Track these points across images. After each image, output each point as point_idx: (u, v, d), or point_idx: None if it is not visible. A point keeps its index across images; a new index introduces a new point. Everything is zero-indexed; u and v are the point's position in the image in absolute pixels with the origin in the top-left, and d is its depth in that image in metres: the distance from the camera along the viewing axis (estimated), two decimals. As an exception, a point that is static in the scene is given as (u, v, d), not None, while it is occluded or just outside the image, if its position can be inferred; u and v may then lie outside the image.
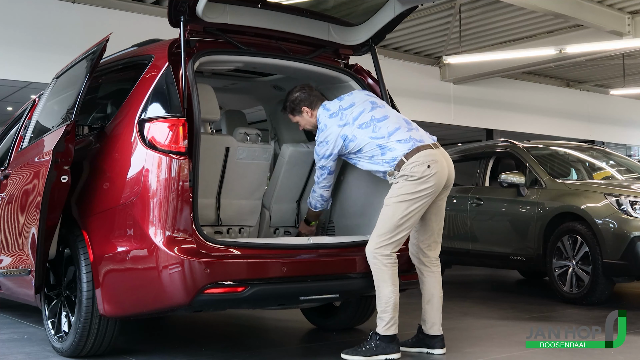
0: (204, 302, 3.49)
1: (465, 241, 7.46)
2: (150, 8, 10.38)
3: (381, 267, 3.82)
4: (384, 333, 3.82)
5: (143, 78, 3.86)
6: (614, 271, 5.87)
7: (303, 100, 4.19)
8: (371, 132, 3.98)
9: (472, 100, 14.72)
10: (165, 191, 3.49)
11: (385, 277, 3.82)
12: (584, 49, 11.43)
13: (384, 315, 3.82)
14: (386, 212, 3.87)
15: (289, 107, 4.26)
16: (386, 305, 3.81)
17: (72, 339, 3.83)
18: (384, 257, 3.82)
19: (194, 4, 3.74)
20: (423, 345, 4.05)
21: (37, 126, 4.64)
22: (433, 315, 4.03)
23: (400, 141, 3.92)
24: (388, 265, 3.83)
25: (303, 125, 4.29)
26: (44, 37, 9.57)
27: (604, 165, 7.57)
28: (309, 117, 4.20)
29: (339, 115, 4.06)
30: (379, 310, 3.84)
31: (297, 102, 4.20)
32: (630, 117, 18.25)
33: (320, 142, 4.06)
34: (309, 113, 4.19)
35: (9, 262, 4.53)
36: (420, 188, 3.84)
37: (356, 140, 3.99)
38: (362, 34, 4.47)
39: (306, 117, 4.21)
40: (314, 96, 4.20)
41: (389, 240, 3.83)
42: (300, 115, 4.22)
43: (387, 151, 3.92)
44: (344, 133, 4.01)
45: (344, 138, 4.01)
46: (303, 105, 4.19)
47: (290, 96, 4.24)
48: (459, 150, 8.56)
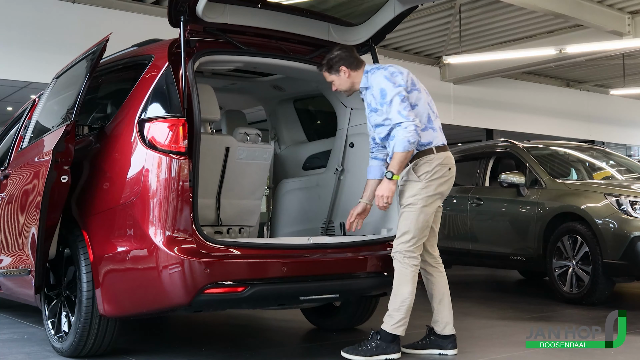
0: (204, 302, 3.49)
1: (465, 241, 7.46)
2: (150, 8, 10.38)
3: (407, 268, 3.84)
4: (390, 331, 3.82)
5: (143, 78, 3.86)
6: (614, 271, 5.87)
7: (343, 59, 4.02)
8: (429, 100, 3.98)
9: (472, 100, 14.72)
10: (165, 191, 3.49)
11: (408, 278, 3.83)
12: (584, 49, 11.44)
13: (395, 313, 3.82)
14: (411, 216, 3.85)
15: (326, 64, 4.06)
16: (401, 304, 3.82)
17: (72, 339, 3.83)
18: (412, 259, 3.85)
19: (194, 4, 3.74)
20: (434, 346, 4.01)
21: (37, 126, 4.64)
22: (446, 315, 4.02)
23: (439, 129, 3.97)
24: (414, 267, 3.85)
25: (337, 85, 4.08)
26: (44, 37, 9.57)
27: (604, 165, 7.57)
28: (346, 77, 4.02)
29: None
30: (391, 309, 3.84)
31: (337, 59, 4.01)
32: (630, 117, 18.25)
33: (393, 72, 3.90)
34: (347, 73, 4.01)
35: (9, 262, 4.53)
36: (441, 189, 3.91)
37: (420, 93, 3.94)
38: (362, 34, 4.47)
39: (343, 77, 4.03)
40: (354, 57, 4.04)
41: (417, 242, 3.86)
42: (337, 74, 4.03)
43: (429, 129, 3.91)
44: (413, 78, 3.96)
45: (412, 82, 3.94)
46: (342, 64, 4.01)
47: (330, 54, 4.06)
48: (459, 150, 8.55)
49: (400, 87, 3.85)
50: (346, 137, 4.70)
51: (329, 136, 4.94)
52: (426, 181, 3.86)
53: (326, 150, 4.96)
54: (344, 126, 4.71)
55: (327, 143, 4.97)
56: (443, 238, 7.64)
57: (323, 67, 4.09)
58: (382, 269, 4.02)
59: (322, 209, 4.79)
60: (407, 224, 3.85)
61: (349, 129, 4.67)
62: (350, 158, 4.68)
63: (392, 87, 3.85)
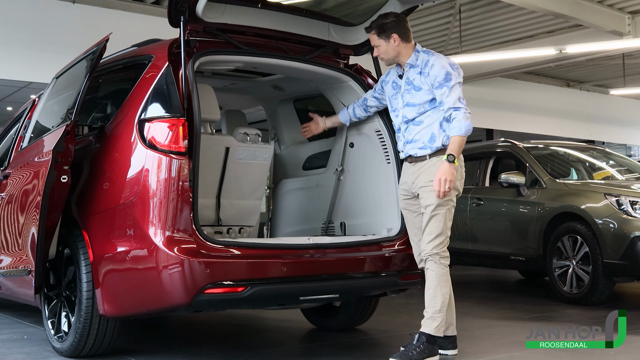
0: (204, 302, 3.49)
1: (466, 241, 7.45)
2: (150, 8, 10.37)
3: (443, 268, 3.85)
4: (434, 333, 3.80)
5: (143, 78, 3.85)
6: (614, 271, 5.87)
7: (397, 26, 3.92)
8: None
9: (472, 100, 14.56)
10: (165, 191, 3.49)
11: (445, 277, 3.85)
12: (584, 49, 11.43)
13: (437, 315, 3.81)
14: (441, 218, 3.85)
15: (377, 27, 3.94)
16: (442, 305, 3.81)
17: (72, 339, 3.83)
18: (444, 259, 3.86)
19: (194, 4, 3.74)
20: None
21: (37, 126, 4.64)
22: (450, 316, 3.98)
23: None
24: (447, 267, 3.87)
25: (382, 52, 3.98)
26: (44, 37, 9.56)
27: (604, 165, 7.57)
28: (395, 45, 3.92)
29: None
30: (433, 311, 3.81)
31: (391, 25, 3.91)
32: (630, 117, 18.24)
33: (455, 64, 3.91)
34: (397, 42, 3.91)
35: (9, 262, 4.52)
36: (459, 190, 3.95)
37: None
38: (362, 34, 4.46)
39: (392, 45, 3.92)
40: (407, 29, 3.97)
41: (447, 242, 3.88)
42: (387, 40, 3.93)
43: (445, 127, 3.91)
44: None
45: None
46: (395, 31, 3.91)
47: (384, 18, 3.95)
48: (459, 150, 8.55)
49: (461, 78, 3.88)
50: (346, 137, 4.70)
51: (329, 136, 4.94)
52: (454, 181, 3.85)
53: (326, 150, 4.96)
54: (344, 126, 4.71)
55: (327, 143, 4.97)
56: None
57: (372, 30, 3.96)
58: (382, 269, 4.02)
59: (322, 209, 4.79)
60: (439, 226, 3.85)
61: (349, 129, 4.66)
62: (350, 158, 4.68)
63: (457, 74, 3.85)
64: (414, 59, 3.95)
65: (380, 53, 4.01)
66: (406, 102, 3.96)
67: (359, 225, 4.52)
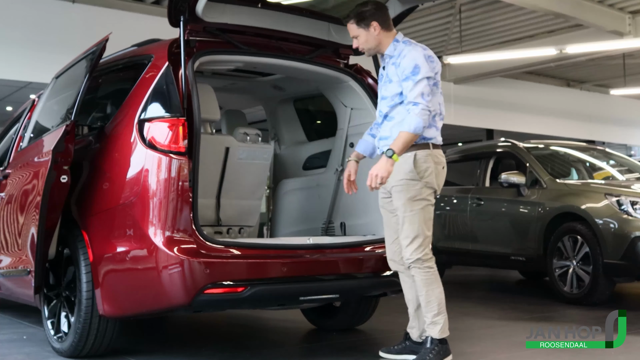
0: (204, 302, 3.49)
1: (466, 241, 7.45)
2: (150, 8, 10.38)
3: (427, 271, 3.66)
4: (439, 336, 3.65)
5: (143, 78, 3.85)
6: (614, 271, 5.87)
7: (377, 14, 3.73)
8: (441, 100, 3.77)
9: (472, 100, 14.71)
10: (165, 191, 3.48)
11: (432, 279, 3.66)
12: (584, 49, 11.43)
13: (438, 318, 3.65)
14: (416, 219, 3.63)
15: (356, 15, 3.74)
16: (439, 307, 3.66)
17: (72, 339, 3.82)
18: (428, 262, 3.66)
19: (194, 4, 3.74)
20: (409, 352, 3.85)
21: (37, 126, 4.64)
22: (422, 323, 3.81)
23: (439, 131, 3.76)
24: (433, 267, 3.67)
25: (362, 42, 3.78)
26: (44, 37, 9.57)
27: (604, 166, 7.57)
28: (376, 34, 3.72)
29: None
30: (432, 314, 3.65)
31: (370, 12, 3.71)
32: (630, 117, 18.24)
33: (430, 56, 3.69)
34: (377, 31, 3.72)
35: (9, 262, 4.52)
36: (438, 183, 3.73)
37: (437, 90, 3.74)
38: (362, 34, 4.45)
39: (372, 33, 3.72)
40: (388, 17, 3.78)
41: (429, 242, 3.68)
42: (366, 28, 3.73)
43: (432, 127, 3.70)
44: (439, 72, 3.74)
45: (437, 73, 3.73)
46: (375, 19, 3.71)
47: (364, 5, 3.75)
48: (459, 150, 8.56)
49: (434, 73, 3.67)
50: (346, 137, 4.69)
51: (329, 136, 4.94)
52: (424, 180, 3.67)
53: (326, 150, 4.95)
54: (344, 126, 4.70)
55: (327, 143, 4.97)
56: (443, 238, 7.69)
57: (351, 19, 3.76)
58: (382, 269, 4.01)
59: (322, 209, 4.79)
60: (414, 228, 3.63)
61: (349, 128, 4.66)
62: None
63: (427, 69, 3.62)
64: (392, 49, 3.74)
65: (360, 43, 3.79)
66: (382, 95, 3.80)
67: (359, 225, 4.52)
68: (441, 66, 3.79)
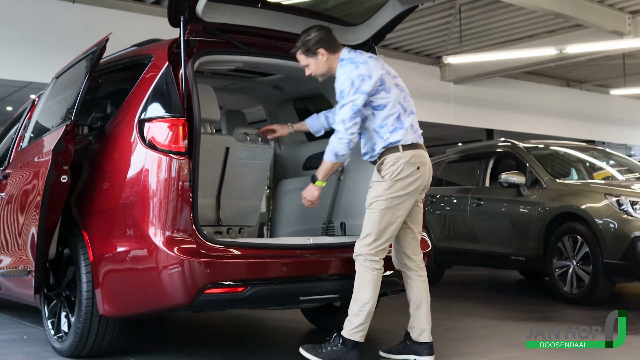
0: (204, 302, 3.49)
1: (466, 241, 7.45)
2: (150, 8, 10.38)
3: (369, 272, 3.68)
4: (347, 336, 3.66)
5: (143, 78, 3.85)
6: (614, 271, 5.87)
7: (322, 40, 3.77)
8: (401, 98, 3.75)
9: (472, 100, 14.71)
10: (165, 191, 3.49)
11: (369, 281, 3.67)
12: (584, 49, 11.43)
13: (354, 318, 3.66)
14: (373, 218, 3.69)
15: (302, 46, 3.80)
16: (360, 309, 3.65)
17: (72, 339, 3.83)
18: (372, 263, 3.68)
19: (194, 4, 3.74)
20: (410, 352, 3.89)
21: (37, 126, 4.64)
22: (422, 322, 3.87)
23: (409, 128, 3.74)
24: (375, 271, 3.68)
25: (313, 70, 3.85)
26: (44, 37, 9.57)
27: (604, 166, 7.58)
28: (324, 60, 3.78)
29: (380, 61, 3.78)
30: (351, 314, 3.68)
31: (315, 41, 3.76)
32: (630, 117, 18.24)
33: (361, 75, 3.65)
34: (325, 57, 3.78)
35: (9, 262, 4.52)
36: (407, 190, 3.70)
37: (389, 93, 3.69)
38: (362, 34, 4.46)
39: (320, 60, 3.78)
40: (333, 39, 3.82)
41: (379, 247, 3.69)
42: (314, 57, 3.79)
43: (399, 129, 3.70)
44: (384, 78, 3.69)
45: (382, 82, 3.68)
46: (321, 46, 3.77)
47: (307, 35, 3.80)
48: (459, 150, 8.56)
49: (360, 95, 3.63)
50: (346, 137, 4.68)
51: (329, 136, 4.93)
52: (391, 181, 3.68)
53: (326, 150, 4.95)
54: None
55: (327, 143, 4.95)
56: (443, 238, 7.69)
57: (298, 49, 3.83)
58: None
59: (322, 209, 4.78)
60: (369, 226, 3.69)
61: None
62: (350, 158, 4.67)
63: (352, 92, 3.63)
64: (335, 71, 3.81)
65: (311, 71, 3.86)
66: None
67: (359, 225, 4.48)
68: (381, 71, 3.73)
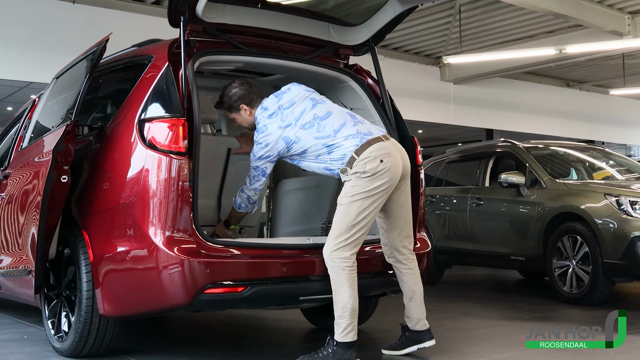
0: (204, 302, 3.49)
1: (465, 241, 7.46)
2: (150, 8, 10.39)
3: (339, 271, 3.65)
4: (341, 340, 3.64)
5: (143, 78, 3.86)
6: (614, 271, 5.87)
7: (242, 97, 3.93)
8: (316, 132, 3.78)
9: (472, 100, 14.73)
10: (165, 191, 3.49)
11: (342, 280, 3.64)
12: (584, 49, 11.44)
13: (340, 321, 3.64)
14: (340, 213, 3.70)
15: (225, 102, 3.97)
16: (343, 310, 3.63)
17: (72, 339, 3.83)
18: (341, 260, 3.65)
19: (194, 4, 3.74)
20: (412, 342, 3.95)
21: (37, 126, 4.64)
22: (417, 312, 3.93)
23: (347, 137, 3.75)
24: (346, 269, 3.65)
25: (240, 123, 4.02)
26: (44, 37, 9.58)
27: (604, 165, 7.57)
28: (247, 115, 3.94)
29: (279, 116, 3.82)
30: (336, 316, 3.66)
31: (236, 98, 3.93)
32: (630, 117, 18.26)
33: (259, 144, 3.81)
34: (247, 111, 3.94)
35: (9, 262, 4.53)
36: (374, 185, 3.67)
37: (300, 141, 3.79)
38: (362, 34, 4.47)
39: (244, 115, 3.95)
40: (254, 93, 3.95)
41: (345, 241, 3.66)
42: (237, 112, 3.96)
43: (335, 149, 3.74)
44: (286, 135, 3.79)
45: (286, 141, 3.79)
46: (242, 102, 3.93)
47: (228, 91, 3.96)
48: (458, 150, 8.57)
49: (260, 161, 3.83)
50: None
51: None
52: (355, 179, 3.70)
53: (326, 150, 4.95)
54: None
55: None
56: (443, 238, 7.69)
57: (223, 106, 4.02)
58: (382, 269, 4.02)
59: (322, 209, 4.79)
60: (336, 221, 3.72)
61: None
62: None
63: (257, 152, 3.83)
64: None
65: (239, 124, 4.05)
66: None
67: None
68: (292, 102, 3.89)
